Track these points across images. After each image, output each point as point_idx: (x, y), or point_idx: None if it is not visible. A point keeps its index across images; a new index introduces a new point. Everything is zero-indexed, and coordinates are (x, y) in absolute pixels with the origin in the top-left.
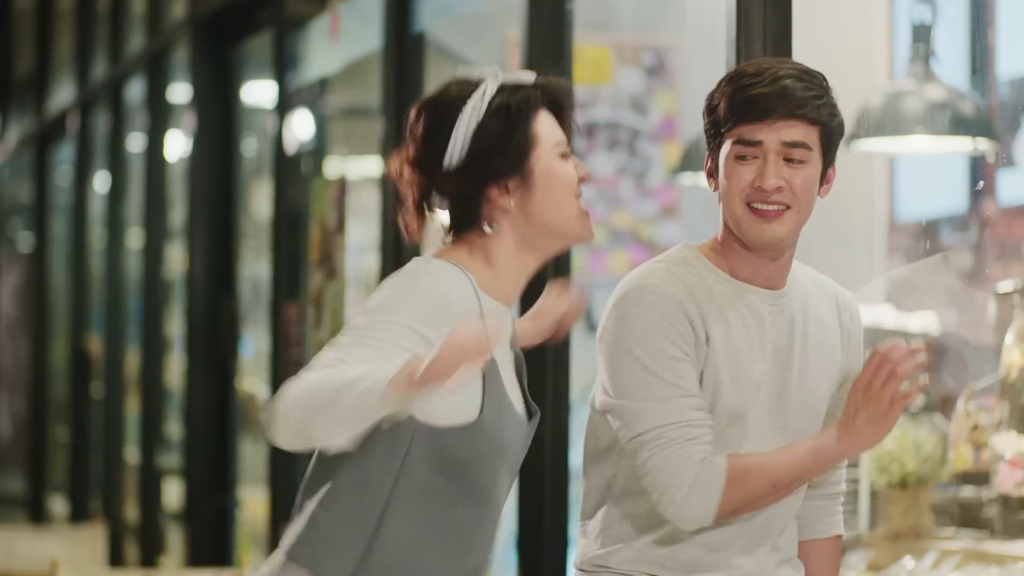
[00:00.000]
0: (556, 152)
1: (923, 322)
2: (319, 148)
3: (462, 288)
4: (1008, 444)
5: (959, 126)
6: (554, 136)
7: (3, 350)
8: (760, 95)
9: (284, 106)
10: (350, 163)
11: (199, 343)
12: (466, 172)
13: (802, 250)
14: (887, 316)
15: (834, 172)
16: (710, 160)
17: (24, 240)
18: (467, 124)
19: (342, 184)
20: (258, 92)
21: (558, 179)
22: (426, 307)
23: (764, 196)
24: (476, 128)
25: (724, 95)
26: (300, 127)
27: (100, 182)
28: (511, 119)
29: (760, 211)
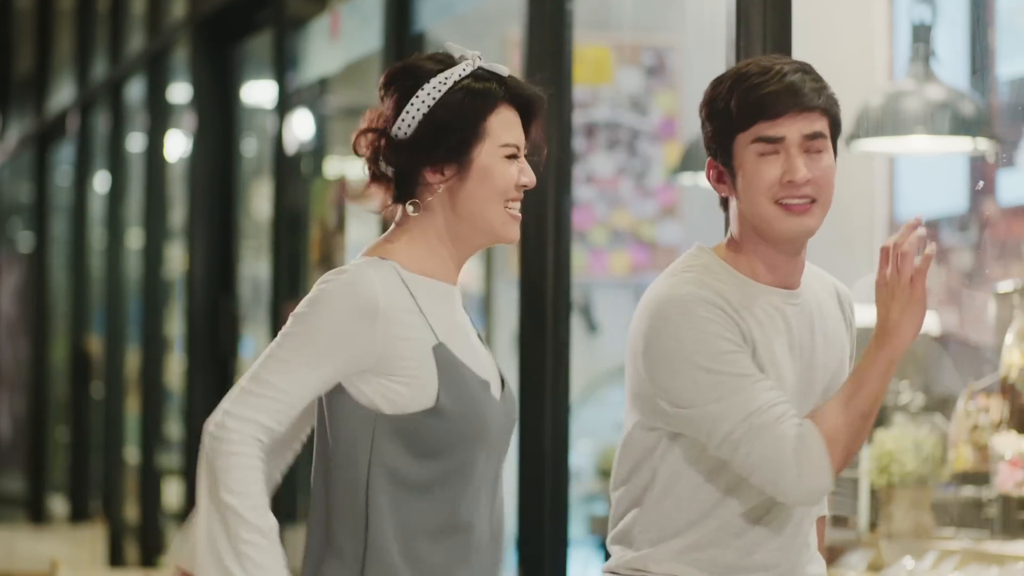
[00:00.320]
0: (502, 152)
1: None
2: (319, 148)
3: (383, 281)
4: (1008, 444)
5: (959, 126)
6: (506, 135)
7: (3, 350)
8: (774, 92)
9: (284, 106)
10: (350, 163)
11: (199, 343)
12: (408, 148)
13: None
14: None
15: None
16: (717, 165)
17: (24, 240)
18: (424, 98)
19: (342, 184)
20: (258, 92)
21: (493, 178)
22: (344, 328)
23: (794, 191)
24: (432, 105)
25: (733, 96)
26: (300, 127)
27: (100, 182)
28: (466, 106)
29: (790, 206)
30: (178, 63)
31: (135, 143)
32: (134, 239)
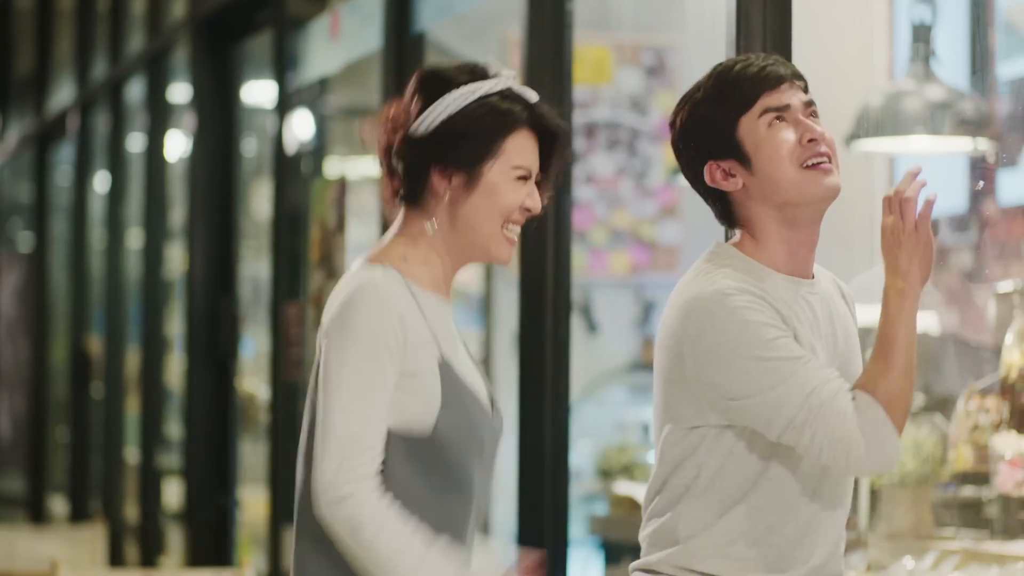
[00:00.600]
0: (514, 173)
1: (923, 322)
2: (319, 148)
3: (397, 292)
4: (1008, 444)
5: (959, 126)
6: (520, 158)
7: (3, 350)
8: (767, 66)
9: (284, 106)
10: (350, 163)
11: (199, 343)
12: (421, 143)
13: None
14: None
15: None
16: (720, 164)
17: (24, 240)
18: (449, 104)
19: (342, 184)
20: (258, 92)
21: (499, 196)
22: (390, 333)
23: (816, 148)
24: (454, 112)
25: (725, 86)
26: (300, 127)
27: (100, 182)
28: (487, 120)
29: (817, 165)
30: (178, 63)
31: (135, 143)
32: (134, 239)
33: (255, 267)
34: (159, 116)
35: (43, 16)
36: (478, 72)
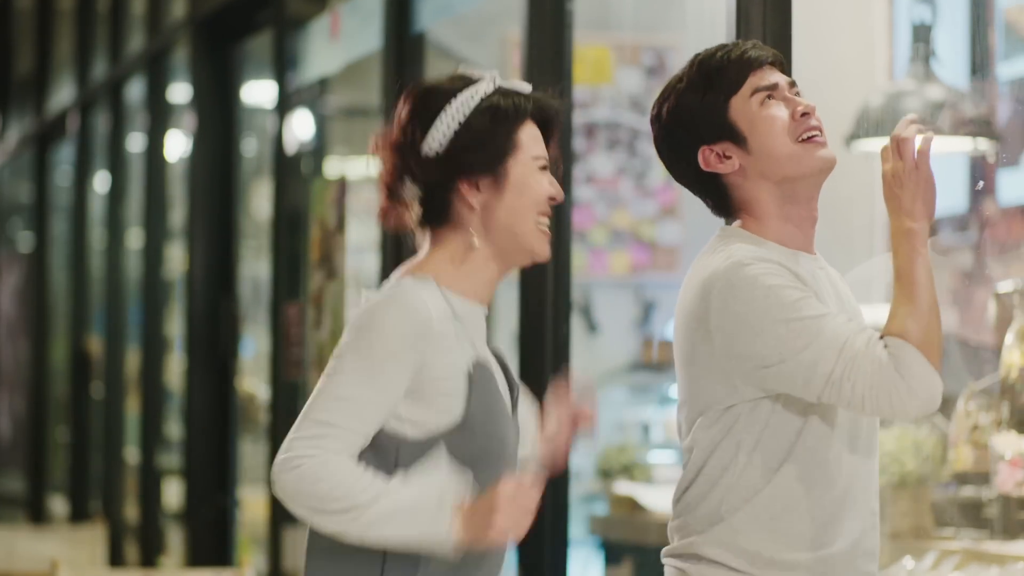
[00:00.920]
0: (536, 164)
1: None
2: (319, 148)
3: (431, 301)
4: (1008, 444)
5: (959, 126)
6: (536, 148)
7: (3, 350)
8: (746, 50)
9: (284, 106)
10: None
11: (199, 343)
12: (441, 162)
13: None
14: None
15: None
16: (714, 147)
17: (24, 240)
18: (454, 115)
19: (342, 184)
20: (258, 92)
21: (530, 188)
22: (406, 340)
23: (809, 121)
24: (461, 122)
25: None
26: (300, 127)
27: (100, 182)
28: (497, 120)
29: (812, 139)
30: (178, 63)
31: (135, 143)
32: (134, 239)
33: (255, 267)
34: (159, 116)
35: (43, 16)
36: (462, 79)
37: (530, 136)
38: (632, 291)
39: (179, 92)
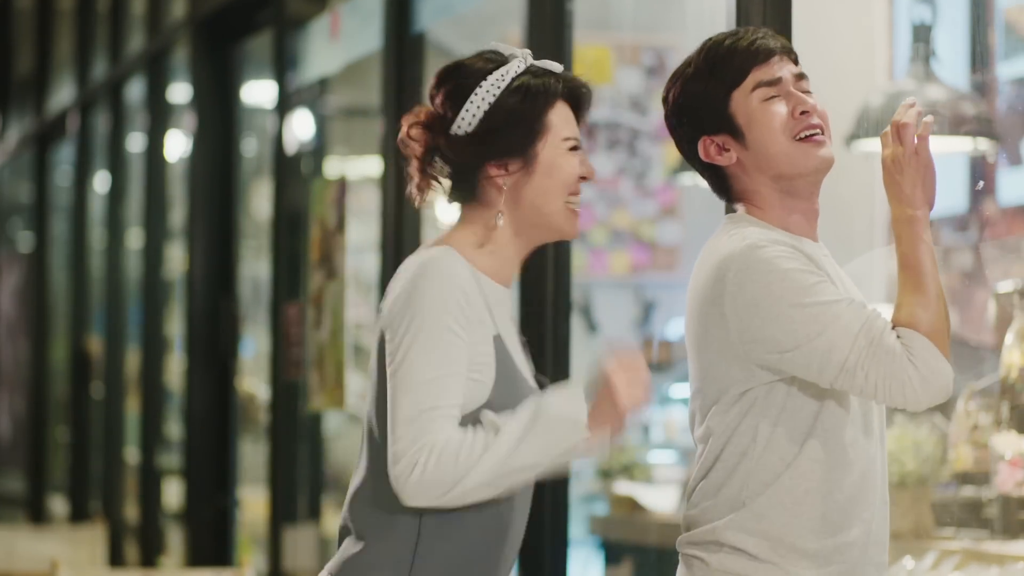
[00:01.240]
0: (566, 145)
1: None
2: (319, 148)
3: (458, 268)
4: (1008, 444)
5: (959, 126)
6: (566, 129)
7: (3, 350)
8: (758, 39)
9: (284, 106)
10: (350, 163)
11: (199, 343)
12: (471, 143)
13: None
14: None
15: None
16: (715, 138)
17: (24, 240)
18: (484, 96)
19: (342, 184)
20: (258, 92)
21: (559, 170)
22: (454, 306)
23: (808, 120)
24: (492, 102)
25: (716, 61)
26: (300, 127)
27: (100, 182)
28: (528, 101)
29: (809, 138)
30: (178, 63)
31: (135, 143)
32: (134, 239)
33: (255, 267)
34: (159, 116)
35: (43, 16)
36: (495, 58)
37: (561, 117)
38: (632, 291)
39: (179, 92)
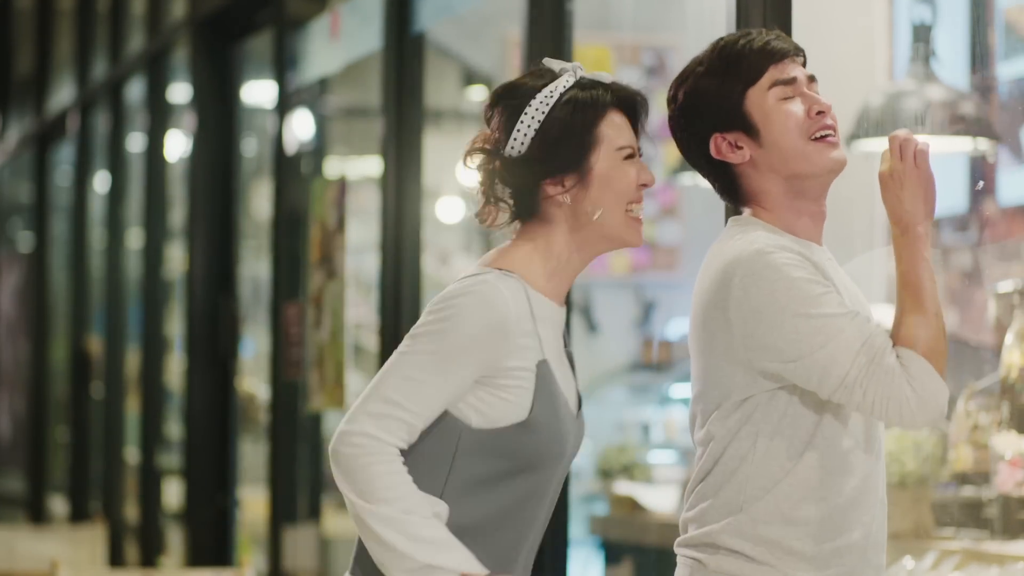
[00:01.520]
0: (620, 155)
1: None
2: (319, 148)
3: (512, 297)
4: (1008, 444)
5: (959, 126)
6: (620, 138)
7: (3, 350)
8: (771, 40)
9: (284, 106)
10: (350, 163)
11: (199, 343)
12: (526, 162)
13: None
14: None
15: None
16: (727, 136)
17: (24, 240)
18: (534, 115)
19: (342, 184)
20: (258, 92)
21: (616, 181)
22: (477, 342)
23: (824, 120)
24: (542, 120)
25: (729, 60)
26: (300, 127)
27: (100, 182)
28: (577, 115)
29: (824, 138)
30: (178, 63)
31: (135, 143)
32: (134, 239)
33: (255, 267)
34: (159, 116)
35: (43, 16)
36: (545, 75)
37: (613, 127)
38: (632, 291)
39: (179, 92)
